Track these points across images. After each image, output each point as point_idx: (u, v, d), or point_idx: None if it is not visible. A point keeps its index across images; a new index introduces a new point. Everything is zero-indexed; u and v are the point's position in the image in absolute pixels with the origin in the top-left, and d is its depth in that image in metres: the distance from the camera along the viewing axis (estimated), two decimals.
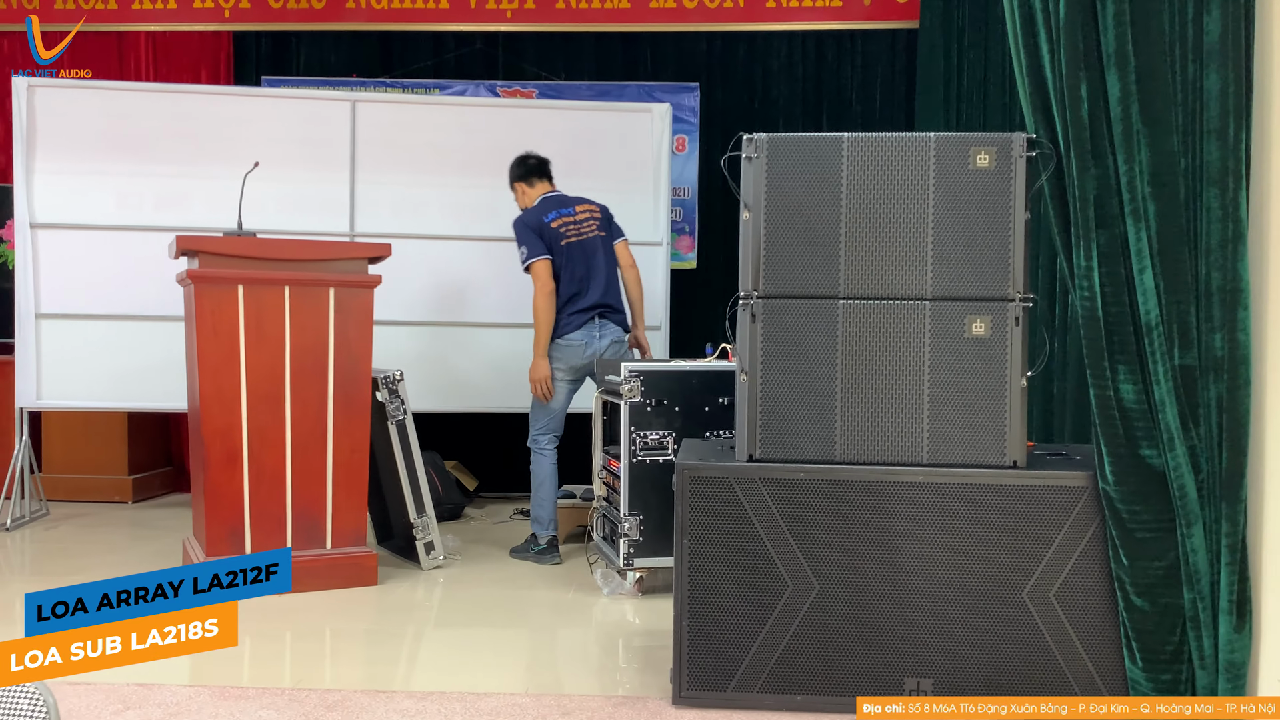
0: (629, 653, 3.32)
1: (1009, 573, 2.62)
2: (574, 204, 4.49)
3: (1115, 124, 2.52)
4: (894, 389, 2.67)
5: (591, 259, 4.42)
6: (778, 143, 2.68)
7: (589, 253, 4.43)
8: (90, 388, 5.07)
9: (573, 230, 4.42)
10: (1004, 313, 2.66)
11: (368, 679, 3.00)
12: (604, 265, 4.46)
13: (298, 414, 3.81)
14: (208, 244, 3.76)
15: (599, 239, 4.47)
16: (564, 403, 4.45)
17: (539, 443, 4.43)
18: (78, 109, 5.05)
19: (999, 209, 2.65)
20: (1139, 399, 2.53)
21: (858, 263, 2.68)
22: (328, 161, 5.21)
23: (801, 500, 2.66)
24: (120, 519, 5.33)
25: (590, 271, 4.41)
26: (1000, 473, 2.64)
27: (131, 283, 5.02)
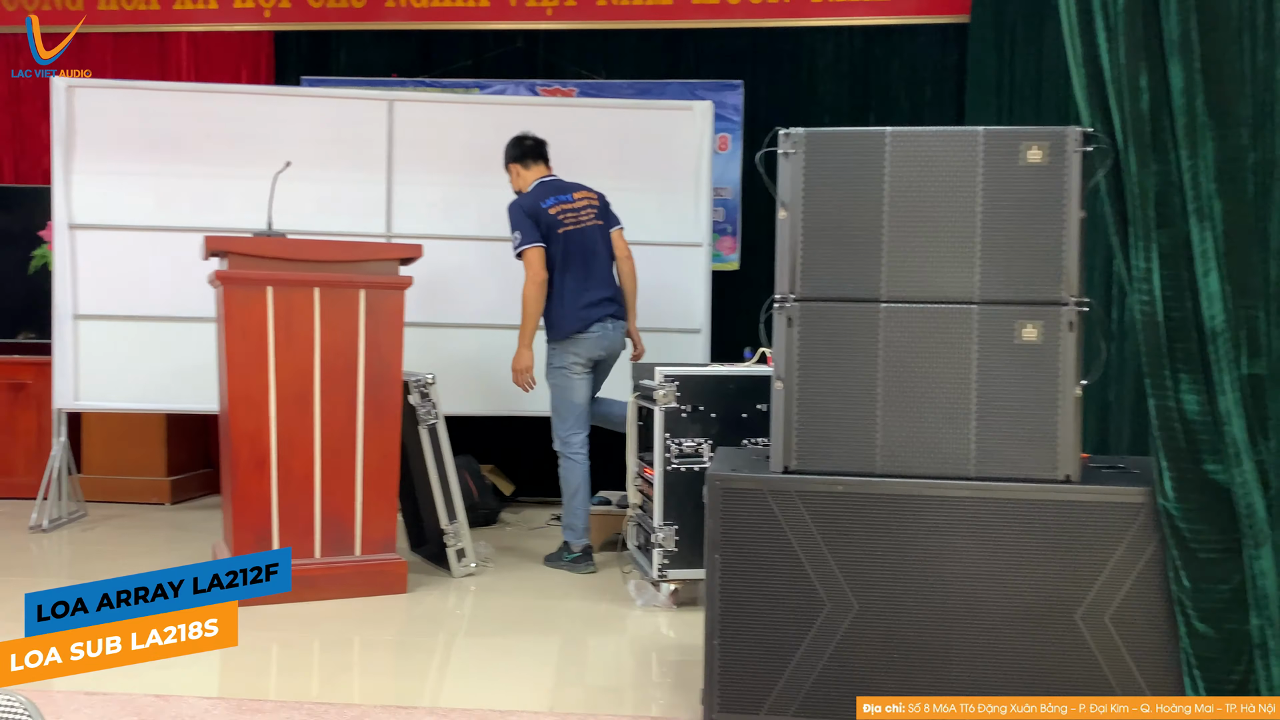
0: (661, 669, 3.20)
1: (1061, 594, 2.47)
2: (571, 190, 4.38)
3: (1178, 116, 2.36)
4: (939, 398, 2.53)
5: (592, 249, 4.33)
6: (816, 138, 2.55)
7: (589, 243, 4.33)
8: (128, 389, 5.05)
9: (571, 218, 4.32)
10: (1057, 317, 2.50)
11: (390, 693, 2.91)
12: (604, 256, 4.38)
13: (327, 417, 3.74)
14: (236, 244, 3.70)
15: (597, 228, 4.37)
16: (587, 394, 4.36)
17: (570, 445, 4.32)
18: (116, 109, 5.04)
19: (1052, 207, 2.49)
20: (1203, 410, 2.37)
21: (901, 264, 2.54)
22: (365, 162, 5.16)
23: (840, 515, 2.52)
24: (158, 521, 5.31)
25: (593, 263, 4.32)
26: (1052, 487, 2.48)
27: (169, 284, 5.00)
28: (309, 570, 3.73)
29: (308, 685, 2.98)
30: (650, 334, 5.22)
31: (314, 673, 3.14)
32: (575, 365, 4.28)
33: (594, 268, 4.33)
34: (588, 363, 4.31)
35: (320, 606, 3.68)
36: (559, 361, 4.30)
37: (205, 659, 3.14)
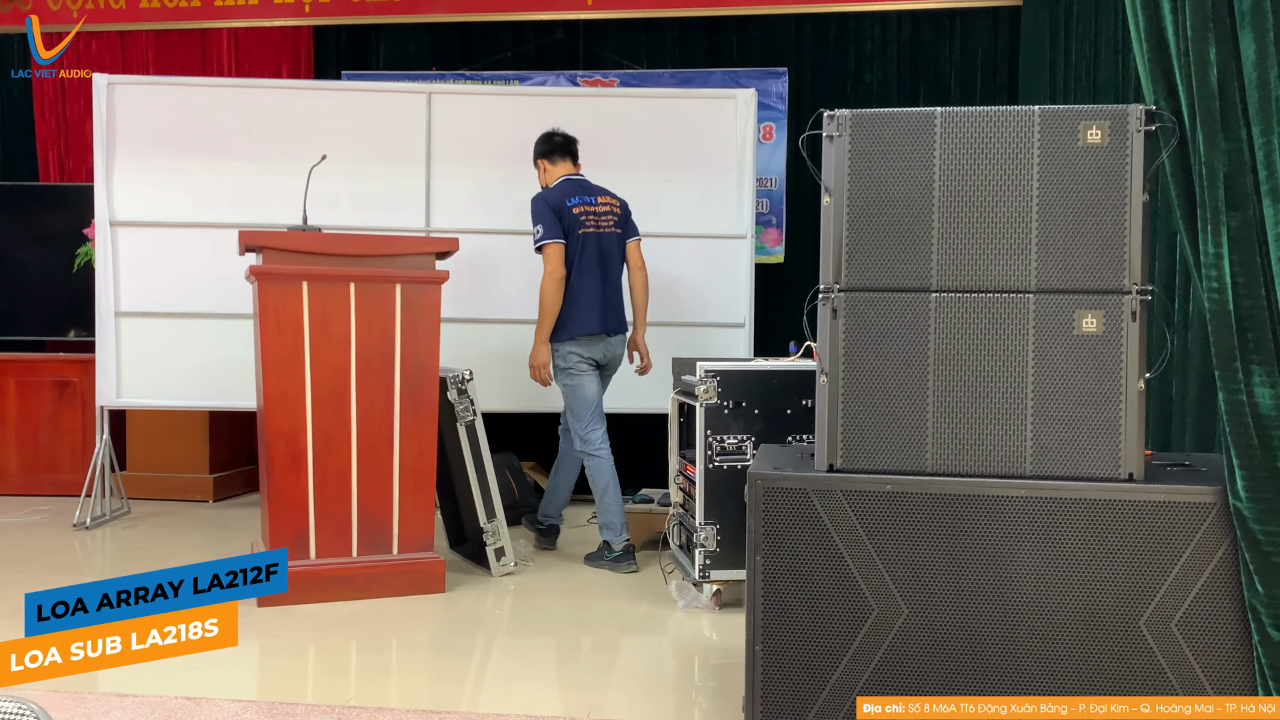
0: (703, 672, 3.11)
1: (1124, 599, 2.33)
2: (596, 193, 4.34)
3: (1250, 91, 2.21)
4: (993, 392, 2.40)
5: (608, 255, 4.29)
6: (863, 119, 2.43)
7: (605, 248, 4.29)
8: (170, 386, 5.05)
9: (591, 221, 4.27)
10: (1119, 306, 2.36)
11: (425, 697, 2.84)
12: (618, 264, 4.35)
13: (363, 414, 3.69)
14: (271, 239, 3.66)
15: (615, 236, 4.33)
16: (598, 389, 4.34)
17: (591, 443, 4.26)
18: (157, 106, 5.03)
19: (1113, 190, 2.35)
20: (1276, 404, 2.22)
21: (952, 251, 2.41)
22: (404, 156, 5.11)
23: (888, 515, 2.40)
24: (200, 518, 5.31)
25: (608, 270, 4.29)
26: (1114, 486, 2.34)
27: (210, 280, 4.98)
28: (346, 569, 3.68)
29: (342, 688, 2.92)
30: (692, 329, 5.13)
31: (349, 675, 3.08)
32: (580, 364, 4.25)
33: (608, 274, 4.30)
34: (590, 361, 4.29)
35: (357, 606, 3.63)
36: (564, 362, 4.26)
37: (239, 660, 3.11)
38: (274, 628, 3.41)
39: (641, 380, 4.73)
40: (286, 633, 3.36)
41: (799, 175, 5.92)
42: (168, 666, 2.97)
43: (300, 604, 3.60)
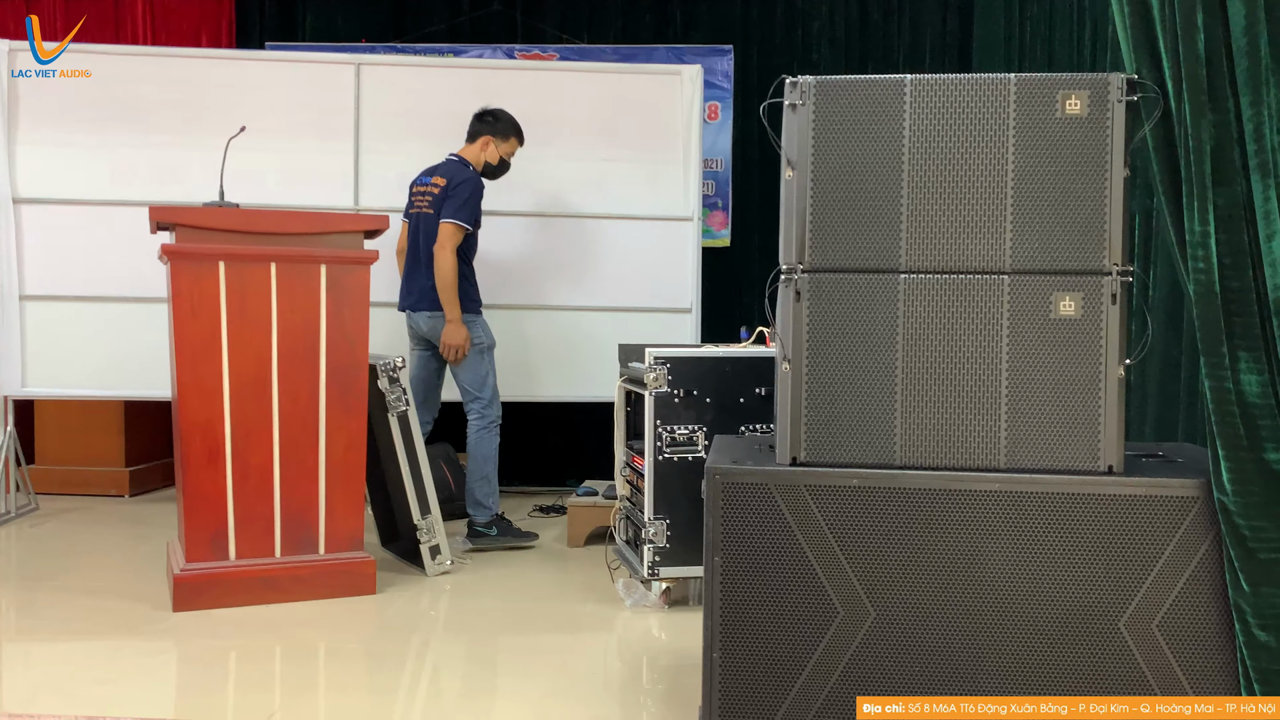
0: (653, 675, 2.93)
1: (1103, 599, 2.19)
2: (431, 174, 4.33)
3: (1239, 59, 2.08)
4: (965, 380, 2.25)
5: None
6: (828, 87, 2.26)
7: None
8: (81, 374, 4.76)
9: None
10: (1098, 288, 2.22)
11: (356, 710, 2.63)
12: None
13: (287, 405, 3.44)
14: (184, 216, 3.39)
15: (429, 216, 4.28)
16: (419, 368, 4.38)
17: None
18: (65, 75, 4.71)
19: (1093, 165, 2.21)
20: (1264, 392, 2.10)
21: (922, 230, 2.25)
22: (331, 131, 4.86)
23: (854, 511, 2.24)
24: (115, 515, 5.00)
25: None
26: (1093, 480, 2.20)
27: (125, 262, 4.69)
28: (269, 571, 3.44)
29: (265, 702, 2.68)
30: (637, 314, 4.96)
31: (273, 688, 2.84)
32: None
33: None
34: (414, 339, 4.38)
35: (282, 610, 3.40)
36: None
37: (151, 672, 2.86)
38: (190, 634, 3.16)
39: (585, 366, 4.55)
40: (204, 640, 3.12)
41: (745, 156, 5.76)
42: (69, 682, 2.75)
43: (220, 608, 3.36)
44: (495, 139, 4.30)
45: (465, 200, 4.12)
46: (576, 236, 4.92)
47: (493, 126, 4.32)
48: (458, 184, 4.15)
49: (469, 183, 4.17)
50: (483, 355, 4.22)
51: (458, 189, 4.14)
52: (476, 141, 4.31)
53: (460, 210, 4.11)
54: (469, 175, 4.21)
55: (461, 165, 4.26)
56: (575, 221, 4.90)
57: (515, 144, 4.37)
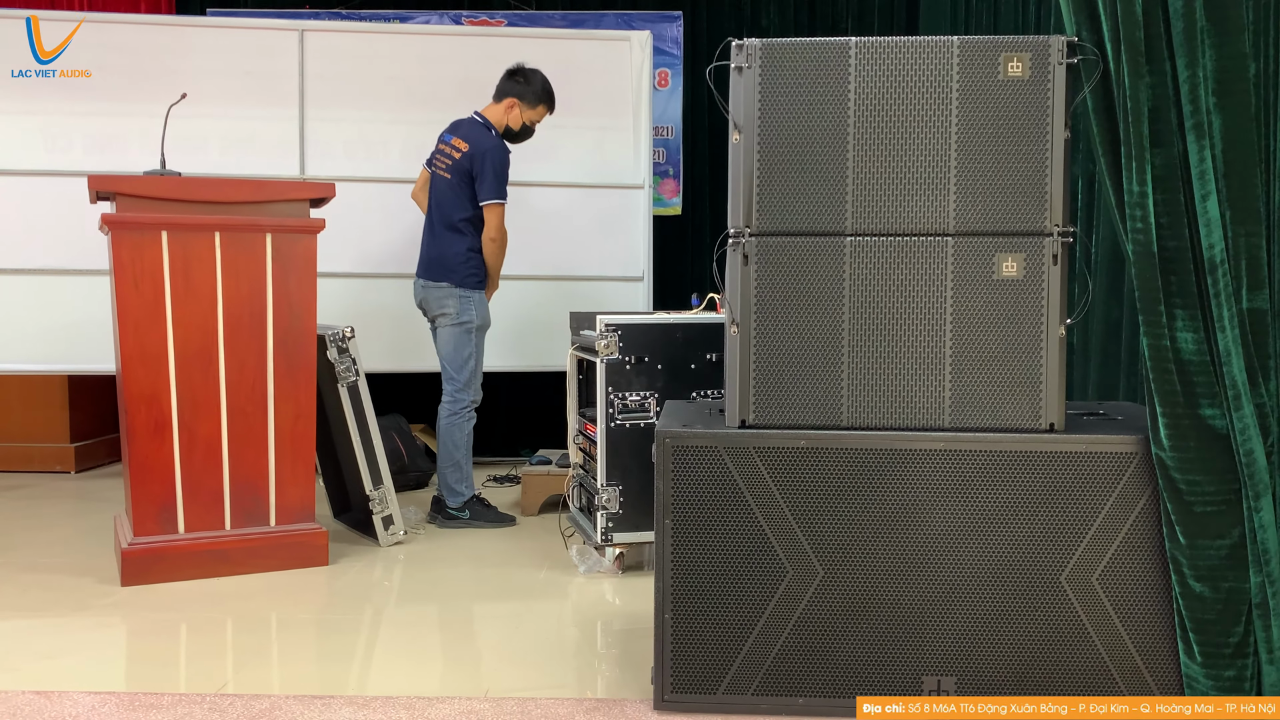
0: (607, 639, 2.95)
1: (1045, 554, 2.25)
2: (454, 132, 4.18)
3: (1175, 21, 2.11)
4: (910, 341, 2.28)
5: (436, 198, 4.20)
6: (774, 49, 2.26)
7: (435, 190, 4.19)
8: (21, 348, 4.68)
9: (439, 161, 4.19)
10: (1039, 249, 2.26)
11: (308, 680, 2.62)
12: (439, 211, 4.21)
13: (233, 376, 3.40)
14: (125, 184, 3.32)
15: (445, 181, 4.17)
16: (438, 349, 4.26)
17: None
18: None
19: (1034, 126, 2.24)
20: (1199, 349, 2.15)
21: (868, 192, 2.27)
22: (275, 98, 4.78)
23: (802, 472, 2.27)
24: (60, 491, 4.93)
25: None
26: (1035, 437, 2.25)
27: (64, 234, 4.60)
28: (219, 543, 3.41)
29: (217, 672, 2.67)
30: (588, 282, 4.95)
31: (225, 658, 2.82)
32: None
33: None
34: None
35: (233, 582, 3.37)
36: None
37: (99, 646, 2.83)
38: (139, 608, 3.13)
39: (537, 335, 4.54)
40: (153, 613, 3.09)
41: (696, 124, 5.76)
42: (14, 657, 2.71)
43: (169, 582, 3.33)
44: (522, 104, 4.11)
45: (496, 174, 3.97)
46: (526, 205, 4.89)
47: (522, 90, 4.11)
48: (483, 155, 3.98)
49: (494, 152, 3.99)
50: (470, 334, 4.08)
51: (485, 164, 3.96)
52: (503, 102, 4.11)
53: (495, 188, 3.97)
54: (492, 143, 4.02)
55: (484, 129, 4.07)
56: (525, 190, 4.86)
57: (544, 111, 4.18)
